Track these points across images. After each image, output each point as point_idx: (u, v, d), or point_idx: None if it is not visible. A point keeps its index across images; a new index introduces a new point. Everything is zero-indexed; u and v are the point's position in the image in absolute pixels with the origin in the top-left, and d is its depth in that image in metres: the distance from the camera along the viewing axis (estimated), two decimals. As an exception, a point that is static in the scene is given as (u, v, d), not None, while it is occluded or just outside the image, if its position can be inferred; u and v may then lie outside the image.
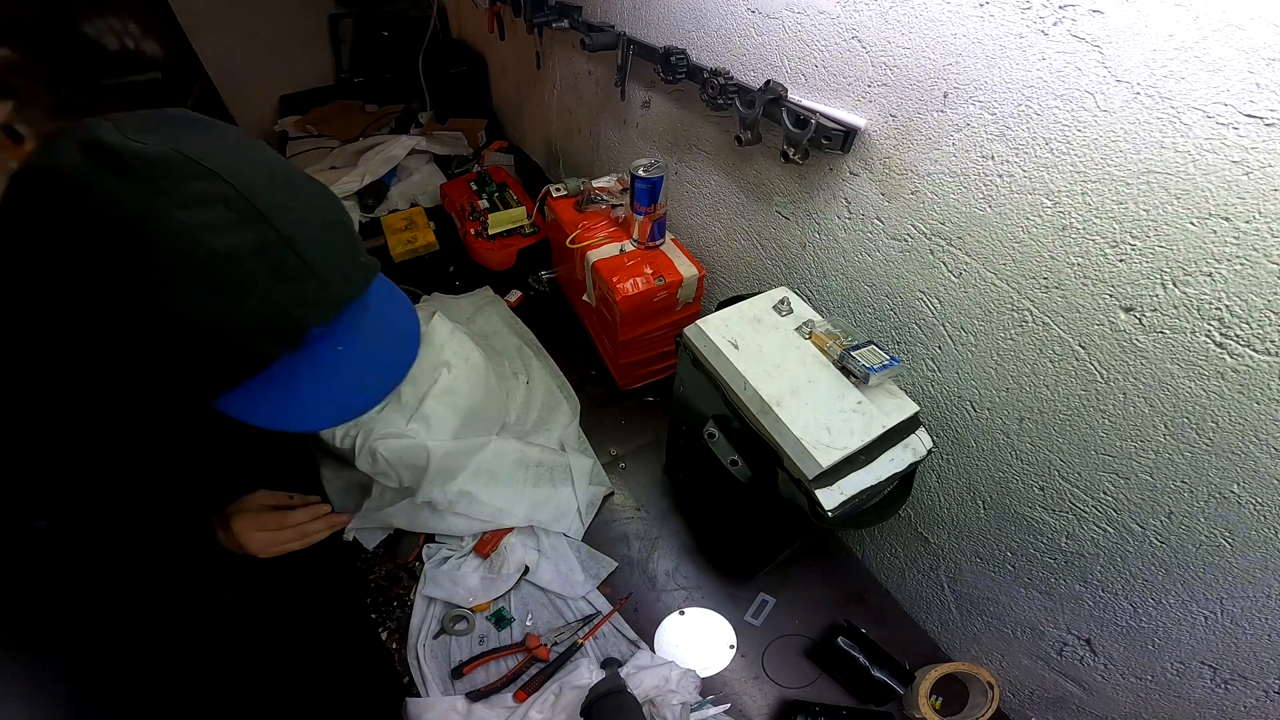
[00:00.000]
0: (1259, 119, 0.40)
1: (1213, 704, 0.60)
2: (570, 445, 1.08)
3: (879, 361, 0.68)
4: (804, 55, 0.73)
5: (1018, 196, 0.56)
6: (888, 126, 0.66)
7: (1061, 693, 0.76)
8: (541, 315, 1.35)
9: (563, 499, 0.99)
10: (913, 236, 0.69)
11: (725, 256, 1.08)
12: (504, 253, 1.44)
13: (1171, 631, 0.60)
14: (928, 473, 0.80)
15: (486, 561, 0.93)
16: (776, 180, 0.87)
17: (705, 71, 0.85)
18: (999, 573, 0.76)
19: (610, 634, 0.87)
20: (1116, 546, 0.61)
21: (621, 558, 0.95)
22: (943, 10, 0.56)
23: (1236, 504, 0.50)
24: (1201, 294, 0.46)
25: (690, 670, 0.81)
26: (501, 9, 1.55)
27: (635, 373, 1.16)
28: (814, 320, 0.77)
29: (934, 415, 0.75)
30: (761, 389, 0.68)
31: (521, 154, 1.90)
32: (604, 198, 1.15)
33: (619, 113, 1.22)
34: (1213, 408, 0.49)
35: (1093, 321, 0.55)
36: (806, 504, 0.64)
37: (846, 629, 0.85)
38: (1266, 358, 0.44)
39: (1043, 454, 0.64)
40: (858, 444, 0.64)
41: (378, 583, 0.93)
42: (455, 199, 1.54)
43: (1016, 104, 0.53)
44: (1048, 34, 0.49)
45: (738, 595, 0.92)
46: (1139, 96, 0.45)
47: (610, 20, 1.10)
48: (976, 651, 0.85)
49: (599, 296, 1.08)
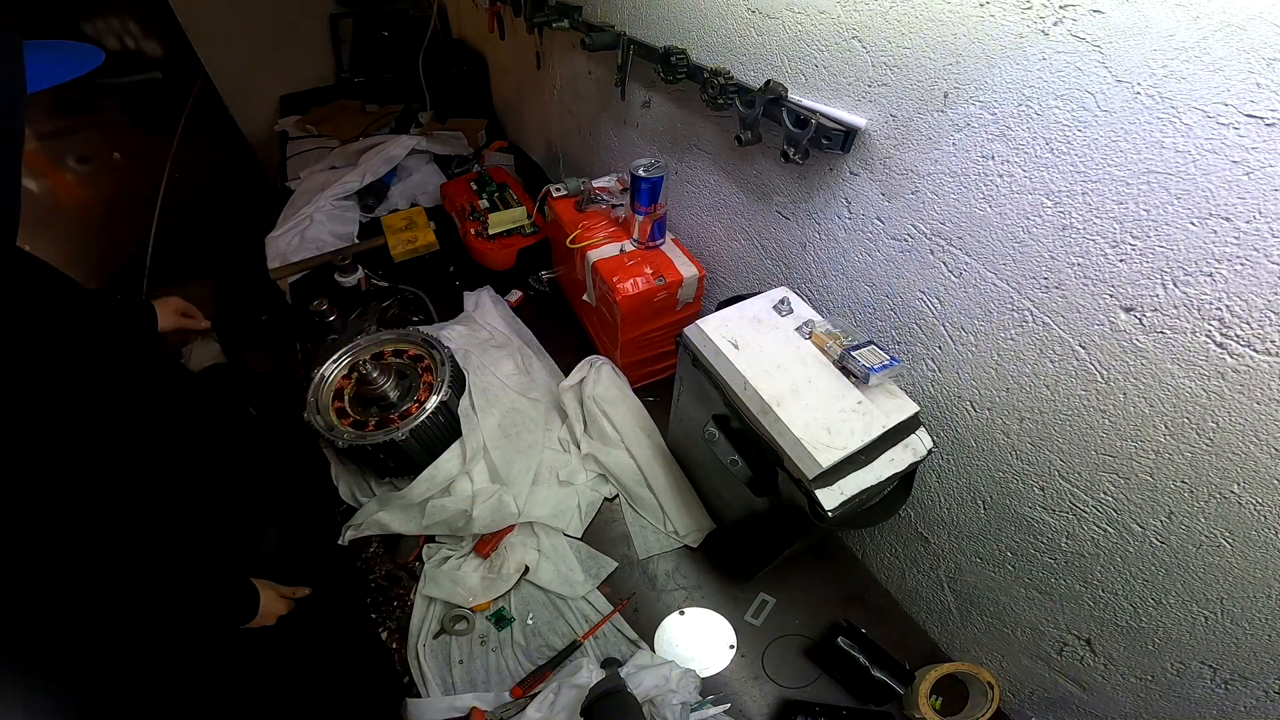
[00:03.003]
0: (1259, 119, 0.40)
1: (1213, 704, 0.60)
2: (569, 444, 1.08)
3: (879, 361, 0.68)
4: (804, 55, 0.73)
5: (1018, 196, 0.56)
6: (888, 126, 0.66)
7: (1061, 693, 0.76)
8: (541, 315, 1.35)
9: (562, 497, 0.99)
10: (913, 236, 0.69)
11: (725, 256, 1.08)
12: (504, 253, 1.44)
13: (1171, 631, 0.60)
14: (928, 473, 0.80)
15: (486, 561, 0.93)
16: (776, 180, 0.87)
17: (705, 71, 0.85)
18: (999, 573, 0.76)
19: (610, 634, 0.87)
20: (1116, 546, 0.61)
21: (621, 558, 0.95)
22: (943, 10, 0.56)
23: (1236, 504, 0.50)
24: (1202, 294, 0.46)
25: (690, 670, 0.81)
26: (501, 9, 1.55)
27: (635, 373, 1.16)
28: (814, 320, 0.77)
29: (934, 415, 0.75)
30: (761, 389, 0.68)
31: (521, 154, 1.90)
32: (604, 198, 1.15)
33: (619, 113, 1.22)
34: (1213, 408, 0.49)
35: (1093, 321, 0.55)
36: (806, 504, 0.64)
37: (846, 629, 0.85)
38: (1267, 358, 0.44)
39: (1043, 454, 0.64)
40: (858, 444, 0.64)
41: (378, 583, 0.93)
42: (455, 199, 1.54)
43: (1017, 104, 0.53)
44: (1048, 34, 0.49)
45: (738, 595, 0.92)
46: (1139, 96, 0.45)
47: (610, 20, 1.10)
48: (976, 651, 0.85)
49: (599, 296, 1.08)
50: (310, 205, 1.55)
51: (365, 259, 1.47)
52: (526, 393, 1.10)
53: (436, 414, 0.92)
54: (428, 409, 0.91)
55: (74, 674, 0.87)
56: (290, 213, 1.59)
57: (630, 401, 1.10)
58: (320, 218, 1.54)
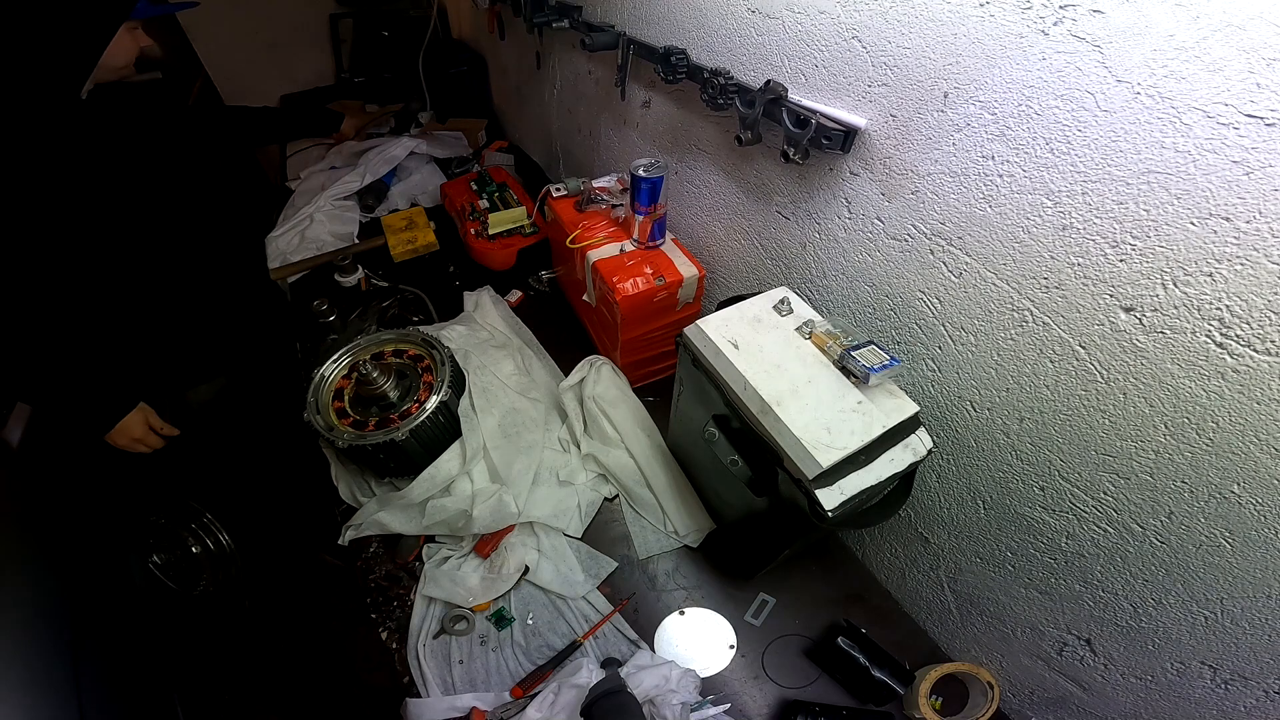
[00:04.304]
0: (1259, 119, 0.40)
1: (1213, 704, 0.60)
2: (569, 444, 1.08)
3: (879, 361, 0.68)
4: (804, 55, 0.73)
5: (1018, 196, 0.56)
6: (888, 126, 0.66)
7: (1061, 693, 0.76)
8: (541, 315, 1.35)
9: (563, 497, 0.99)
10: (913, 236, 0.69)
11: (725, 256, 1.08)
12: (504, 253, 1.44)
13: (1171, 631, 0.60)
14: (928, 473, 0.80)
15: (486, 561, 0.93)
16: (776, 180, 0.87)
17: (705, 71, 0.85)
18: (999, 573, 0.76)
19: (610, 634, 0.87)
20: (1116, 546, 0.61)
21: (621, 558, 0.95)
22: (943, 10, 0.56)
23: (1236, 504, 0.50)
24: (1202, 294, 0.46)
25: (690, 670, 0.81)
26: (501, 9, 1.55)
27: (635, 373, 1.16)
28: (814, 320, 0.77)
29: (934, 415, 0.75)
30: (761, 389, 0.68)
31: (521, 154, 1.90)
32: (604, 198, 1.15)
33: (619, 113, 1.22)
34: (1213, 408, 0.49)
35: (1093, 321, 0.55)
36: (806, 504, 0.64)
37: (846, 629, 0.85)
38: (1267, 358, 0.44)
39: (1043, 454, 0.64)
40: (858, 444, 0.64)
41: (378, 583, 0.93)
42: (455, 199, 1.54)
43: (1017, 104, 0.53)
44: (1048, 34, 0.49)
45: (738, 595, 0.92)
46: (1139, 96, 0.45)
47: (610, 20, 1.10)
48: (976, 651, 0.85)
49: (599, 296, 1.08)
50: (310, 205, 1.55)
51: (365, 259, 1.47)
52: (526, 393, 1.10)
53: (436, 414, 0.92)
54: (428, 409, 0.91)
55: (73, 667, 0.87)
56: (290, 213, 1.59)
57: (630, 401, 1.10)
58: (320, 218, 1.54)
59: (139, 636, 1.06)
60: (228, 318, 1.27)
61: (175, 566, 1.27)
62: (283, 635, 1.35)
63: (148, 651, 1.06)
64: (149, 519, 1.27)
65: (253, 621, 1.37)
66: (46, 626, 0.87)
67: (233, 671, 1.28)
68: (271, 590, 1.40)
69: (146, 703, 1.01)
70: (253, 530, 1.38)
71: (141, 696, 1.00)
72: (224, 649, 1.30)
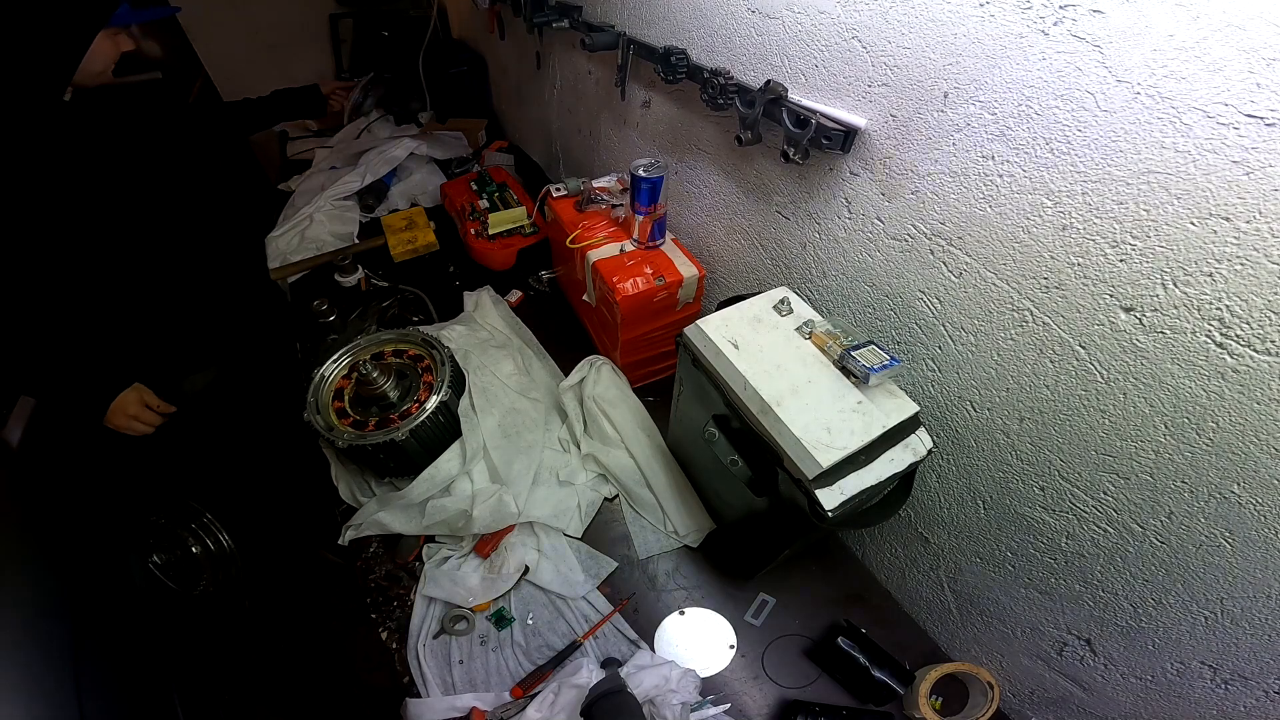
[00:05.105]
0: (1259, 119, 0.40)
1: (1213, 704, 0.60)
2: (569, 444, 1.08)
3: (879, 361, 0.68)
4: (804, 55, 0.73)
5: (1018, 196, 0.56)
6: (888, 126, 0.66)
7: (1061, 693, 0.76)
8: (541, 315, 1.35)
9: (563, 497, 0.99)
10: (913, 236, 0.69)
11: (725, 256, 1.08)
12: (504, 253, 1.44)
13: (1171, 631, 0.60)
14: (928, 473, 0.80)
15: (486, 561, 0.93)
16: (776, 180, 0.87)
17: (705, 71, 0.85)
18: (999, 573, 0.76)
19: (610, 634, 0.87)
20: (1116, 546, 0.61)
21: (621, 558, 0.95)
22: (943, 10, 0.56)
23: (1236, 504, 0.50)
24: (1202, 294, 0.46)
25: (690, 670, 0.81)
26: (501, 9, 1.55)
27: (635, 373, 1.16)
28: (814, 320, 0.77)
29: (934, 415, 0.75)
30: (761, 389, 0.68)
31: (521, 154, 1.90)
32: (604, 198, 1.15)
33: (619, 113, 1.22)
34: (1213, 408, 0.49)
35: (1093, 321, 0.55)
36: (806, 504, 0.64)
37: (846, 629, 0.85)
38: (1267, 358, 0.44)
39: (1043, 454, 0.64)
40: (858, 444, 0.64)
41: (378, 583, 0.93)
42: (455, 199, 1.54)
43: (1017, 104, 0.53)
44: (1048, 34, 0.49)
45: (738, 595, 0.92)
46: (1139, 96, 0.45)
47: (610, 20, 1.10)
48: (976, 651, 0.85)
49: (599, 296, 1.08)
50: (310, 205, 1.55)
51: (365, 259, 1.47)
52: (526, 393, 1.10)
53: (436, 414, 0.92)
54: (428, 409, 0.91)
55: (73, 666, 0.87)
56: (290, 213, 1.59)
57: (630, 401, 1.10)
58: (320, 218, 1.54)
59: (139, 636, 1.06)
60: (221, 310, 1.29)
61: (175, 566, 1.27)
62: (283, 635, 1.35)
63: (148, 651, 1.06)
64: (149, 519, 1.27)
65: (253, 621, 1.37)
66: (46, 626, 0.87)
67: (233, 671, 1.27)
68: (271, 590, 1.40)
69: (146, 703, 1.01)
70: (253, 530, 1.38)
71: (141, 696, 1.00)
72: (224, 649, 1.30)
